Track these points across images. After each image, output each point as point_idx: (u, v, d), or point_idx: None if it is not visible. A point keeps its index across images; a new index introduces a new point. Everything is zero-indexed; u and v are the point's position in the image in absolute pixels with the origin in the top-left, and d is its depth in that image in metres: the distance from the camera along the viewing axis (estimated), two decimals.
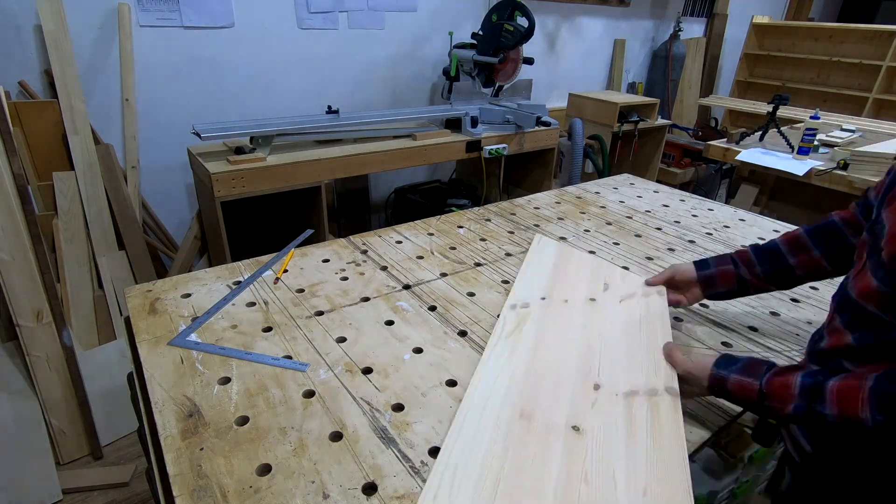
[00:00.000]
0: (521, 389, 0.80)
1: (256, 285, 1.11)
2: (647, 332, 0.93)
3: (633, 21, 4.25)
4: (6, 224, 1.53)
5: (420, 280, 1.17)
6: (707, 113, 5.07)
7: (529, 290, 1.08)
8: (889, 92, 4.60)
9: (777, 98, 2.51)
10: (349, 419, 0.77)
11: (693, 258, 1.06)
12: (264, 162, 2.10)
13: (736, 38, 5.22)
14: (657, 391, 0.79)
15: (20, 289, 1.58)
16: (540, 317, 0.99)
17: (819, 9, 6.17)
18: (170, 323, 0.97)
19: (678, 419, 0.75)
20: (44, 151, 2.02)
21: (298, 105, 2.74)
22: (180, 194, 2.56)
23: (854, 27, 4.72)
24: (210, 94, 2.46)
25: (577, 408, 0.77)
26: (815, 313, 1.12)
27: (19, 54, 1.98)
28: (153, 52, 2.25)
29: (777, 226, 1.58)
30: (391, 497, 0.65)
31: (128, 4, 2.13)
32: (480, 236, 1.41)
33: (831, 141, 2.60)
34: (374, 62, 2.93)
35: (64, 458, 1.76)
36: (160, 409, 0.77)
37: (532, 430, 0.73)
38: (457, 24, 3.13)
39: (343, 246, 1.32)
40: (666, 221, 1.58)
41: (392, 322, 1.01)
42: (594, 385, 0.82)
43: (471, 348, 0.94)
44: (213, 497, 0.63)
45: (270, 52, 2.56)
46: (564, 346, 0.90)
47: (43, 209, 1.98)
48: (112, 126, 2.25)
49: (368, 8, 2.78)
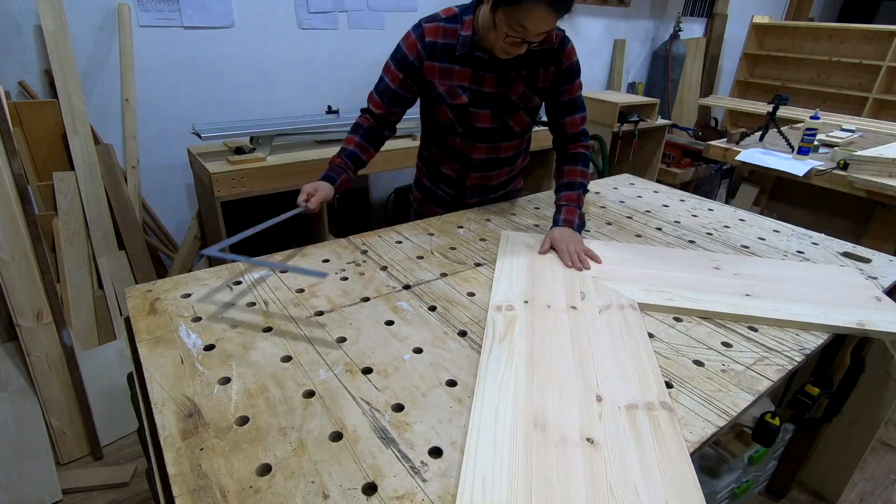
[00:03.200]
0: (528, 397, 0.81)
1: (257, 285, 1.11)
2: (630, 346, 0.95)
3: (633, 21, 4.25)
4: (6, 224, 1.53)
5: (420, 280, 1.17)
6: (707, 113, 5.07)
7: (510, 292, 1.11)
8: (889, 92, 4.60)
9: (777, 98, 2.51)
10: (349, 419, 0.76)
11: None
12: (264, 162, 2.10)
13: (736, 38, 5.22)
14: (654, 405, 0.81)
15: (20, 289, 1.58)
16: (528, 321, 1.00)
17: (819, 9, 6.17)
18: (170, 323, 0.97)
19: (679, 435, 0.76)
20: (44, 151, 2.02)
21: (298, 105, 2.74)
22: (180, 194, 2.56)
23: (854, 27, 4.72)
24: (210, 94, 2.46)
25: (587, 419, 0.78)
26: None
27: (19, 54, 1.99)
28: (153, 52, 2.25)
29: (777, 225, 1.58)
30: (391, 497, 0.65)
31: (128, 4, 2.13)
32: (480, 236, 1.41)
33: (831, 141, 2.60)
34: (374, 62, 2.93)
35: (64, 458, 1.76)
36: (160, 409, 0.77)
37: (549, 441, 0.73)
38: None
39: (343, 246, 1.32)
40: (666, 221, 1.58)
41: (392, 322, 1.01)
42: (597, 396, 0.82)
43: (471, 348, 0.94)
44: (213, 497, 0.63)
45: (270, 52, 2.56)
46: (559, 355, 0.91)
47: (43, 209, 1.98)
48: (112, 126, 2.25)
49: (368, 8, 2.78)
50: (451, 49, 1.33)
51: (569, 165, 1.45)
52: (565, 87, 1.41)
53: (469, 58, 1.33)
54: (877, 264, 1.36)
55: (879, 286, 1.23)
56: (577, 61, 1.39)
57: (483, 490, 0.65)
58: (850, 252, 1.41)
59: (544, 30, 1.17)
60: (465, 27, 1.31)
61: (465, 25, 1.31)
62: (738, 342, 1.00)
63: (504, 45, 1.21)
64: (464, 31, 1.31)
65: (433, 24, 1.33)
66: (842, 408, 1.57)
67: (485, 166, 1.53)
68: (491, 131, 1.45)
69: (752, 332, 1.04)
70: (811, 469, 1.76)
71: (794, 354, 0.97)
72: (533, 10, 1.11)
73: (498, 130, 1.46)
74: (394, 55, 1.38)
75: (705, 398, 0.85)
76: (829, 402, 1.55)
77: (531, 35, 1.17)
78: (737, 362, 0.94)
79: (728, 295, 1.13)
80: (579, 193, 1.40)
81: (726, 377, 0.90)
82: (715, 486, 1.37)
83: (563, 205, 1.38)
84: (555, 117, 1.48)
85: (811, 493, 1.78)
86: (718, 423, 0.80)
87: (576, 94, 1.44)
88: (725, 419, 0.81)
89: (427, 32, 1.33)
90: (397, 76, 1.38)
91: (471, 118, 1.42)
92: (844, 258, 1.38)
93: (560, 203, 1.39)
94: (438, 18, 1.34)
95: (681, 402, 0.83)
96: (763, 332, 1.04)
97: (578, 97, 1.45)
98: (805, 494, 1.78)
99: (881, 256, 1.40)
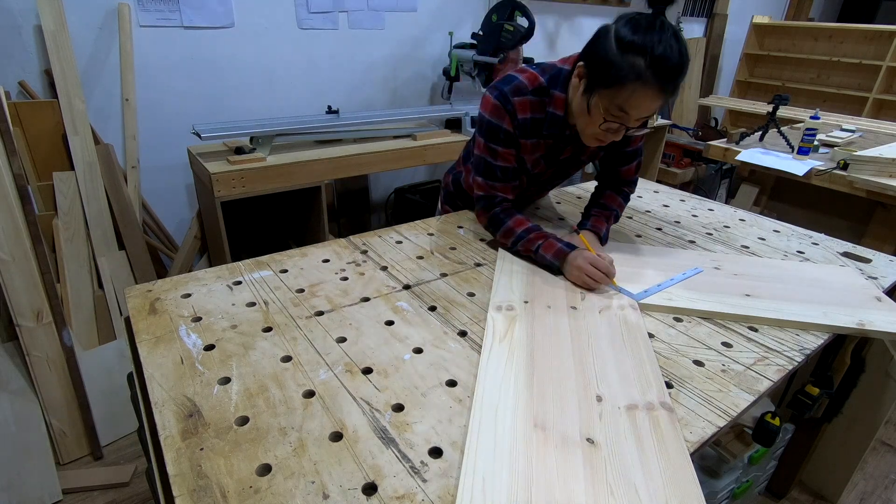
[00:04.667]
0: (528, 398, 0.81)
1: (257, 285, 1.11)
2: (630, 346, 0.95)
3: None
4: (6, 224, 1.53)
5: (420, 280, 1.17)
6: (707, 113, 5.07)
7: (510, 292, 1.11)
8: (889, 92, 4.60)
9: (777, 98, 2.51)
10: (349, 419, 0.76)
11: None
12: (264, 162, 2.10)
13: (736, 38, 5.22)
14: (654, 406, 0.81)
15: (20, 289, 1.58)
16: (528, 321, 1.00)
17: (819, 9, 6.17)
18: (170, 323, 0.97)
19: (679, 435, 0.76)
20: (44, 151, 2.02)
21: (298, 105, 2.74)
22: (180, 194, 2.56)
23: (854, 27, 4.72)
24: (210, 94, 2.46)
25: (587, 419, 0.78)
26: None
27: (19, 54, 1.99)
28: (153, 52, 2.25)
29: (777, 225, 1.58)
30: (391, 497, 0.65)
31: (128, 4, 2.13)
32: (480, 236, 1.41)
33: (831, 141, 2.60)
34: (374, 62, 2.93)
35: (64, 458, 1.76)
36: (160, 409, 0.77)
37: (549, 441, 0.73)
38: (457, 24, 3.13)
39: (343, 246, 1.32)
40: (666, 221, 1.58)
41: (392, 322, 1.01)
42: (597, 397, 0.82)
43: (471, 348, 0.94)
44: (213, 497, 0.63)
45: (270, 52, 2.56)
46: (559, 355, 0.91)
47: (43, 209, 1.98)
48: (112, 126, 2.25)
49: (368, 8, 2.78)
50: (539, 124, 1.22)
51: (610, 191, 1.40)
52: (632, 139, 1.31)
53: (558, 135, 1.24)
54: (877, 264, 1.36)
55: (879, 286, 1.23)
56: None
57: (483, 490, 0.65)
58: (850, 252, 1.41)
59: (647, 114, 1.04)
60: (556, 105, 1.18)
61: (555, 103, 1.18)
62: (739, 342, 1.00)
63: (599, 130, 1.09)
64: (554, 110, 1.19)
65: (522, 100, 1.19)
66: (842, 408, 1.57)
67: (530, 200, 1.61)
68: (551, 182, 1.48)
69: (752, 332, 1.04)
70: (811, 469, 1.76)
71: (794, 354, 0.97)
72: (639, 94, 0.98)
73: (559, 178, 1.45)
74: (492, 135, 1.22)
75: (705, 398, 0.85)
76: (829, 402, 1.55)
77: (631, 120, 1.05)
78: (737, 362, 0.94)
79: (728, 295, 1.13)
80: (611, 214, 1.35)
81: (726, 377, 0.90)
82: (715, 486, 1.37)
83: (594, 214, 1.33)
84: (611, 164, 1.38)
85: (811, 493, 1.79)
86: (718, 424, 0.80)
87: (639, 144, 1.35)
88: (725, 419, 0.81)
89: (518, 109, 1.19)
90: (510, 154, 1.24)
91: (541, 176, 1.39)
92: (844, 258, 1.38)
93: (591, 212, 1.35)
94: (526, 91, 1.19)
95: (681, 402, 0.83)
96: (763, 332, 1.04)
97: (640, 146, 1.37)
98: (805, 494, 1.78)
99: (881, 256, 1.40)
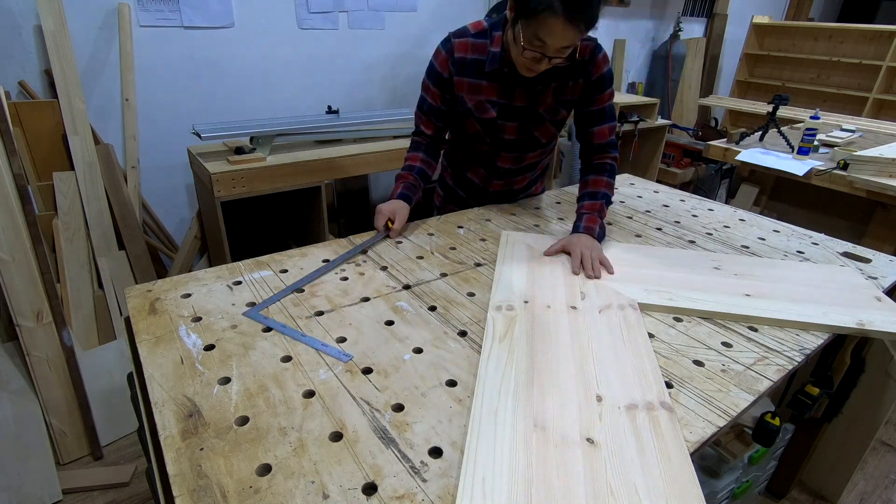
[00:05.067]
0: (528, 397, 0.81)
1: (257, 285, 1.11)
2: (631, 346, 0.95)
3: (633, 21, 4.24)
4: (6, 224, 1.53)
5: (420, 280, 1.17)
6: (707, 113, 5.07)
7: (510, 293, 1.10)
8: (889, 92, 4.60)
9: (777, 98, 2.51)
10: (349, 419, 0.76)
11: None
12: (264, 162, 2.10)
13: (736, 38, 5.22)
14: (654, 405, 0.81)
15: (20, 289, 1.58)
16: (528, 321, 1.00)
17: (819, 9, 6.17)
18: (170, 323, 0.97)
19: (679, 435, 0.76)
20: (44, 151, 2.02)
21: (298, 105, 2.75)
22: (180, 194, 2.56)
23: (854, 27, 4.72)
24: (210, 94, 2.46)
25: (587, 419, 0.78)
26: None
27: (19, 54, 1.99)
28: (153, 52, 2.25)
29: (777, 225, 1.58)
30: (391, 497, 0.65)
31: (128, 4, 2.13)
32: (480, 236, 1.41)
33: (831, 141, 2.59)
34: (374, 62, 2.93)
35: (64, 458, 1.76)
36: (160, 409, 0.77)
37: (549, 441, 0.73)
38: (457, 24, 3.12)
39: (343, 246, 1.32)
40: (666, 221, 1.58)
41: (392, 322, 1.01)
42: (597, 397, 0.82)
43: (471, 348, 0.94)
44: (213, 497, 0.63)
45: (270, 52, 2.56)
46: (559, 355, 0.91)
47: (43, 209, 1.98)
48: (112, 126, 2.25)
49: (368, 8, 2.78)
50: (480, 64, 1.32)
51: (594, 175, 1.42)
52: (595, 98, 1.38)
53: (498, 74, 1.32)
54: (877, 264, 1.36)
55: (879, 286, 1.23)
56: (608, 71, 1.35)
57: (483, 490, 0.65)
58: (850, 252, 1.41)
59: (563, 44, 1.12)
60: (495, 43, 1.30)
61: (494, 41, 1.30)
62: (739, 342, 1.00)
63: (524, 59, 1.18)
64: (493, 48, 1.30)
65: (462, 40, 1.33)
66: (842, 408, 1.57)
67: (509, 174, 1.56)
68: (517, 142, 1.46)
69: (752, 332, 1.04)
70: (811, 469, 1.76)
71: (794, 354, 0.97)
72: (549, 23, 1.07)
73: (524, 141, 1.46)
74: (428, 73, 1.38)
75: (705, 398, 0.85)
76: (829, 402, 1.55)
77: (550, 50, 1.13)
78: (737, 362, 0.94)
79: (728, 295, 1.13)
80: (602, 203, 1.36)
81: (726, 377, 0.90)
82: (715, 486, 1.37)
83: (585, 213, 1.34)
84: (582, 127, 1.44)
85: (811, 493, 1.79)
86: (718, 423, 0.80)
87: (605, 104, 1.40)
88: (725, 419, 0.81)
89: (456, 48, 1.33)
90: (437, 94, 1.38)
91: (498, 130, 1.42)
92: (844, 258, 1.38)
93: (582, 211, 1.35)
94: (468, 34, 1.33)
95: (681, 402, 0.83)
96: (763, 332, 1.04)
97: (607, 107, 1.41)
98: (805, 494, 1.78)
99: (881, 256, 1.40)
